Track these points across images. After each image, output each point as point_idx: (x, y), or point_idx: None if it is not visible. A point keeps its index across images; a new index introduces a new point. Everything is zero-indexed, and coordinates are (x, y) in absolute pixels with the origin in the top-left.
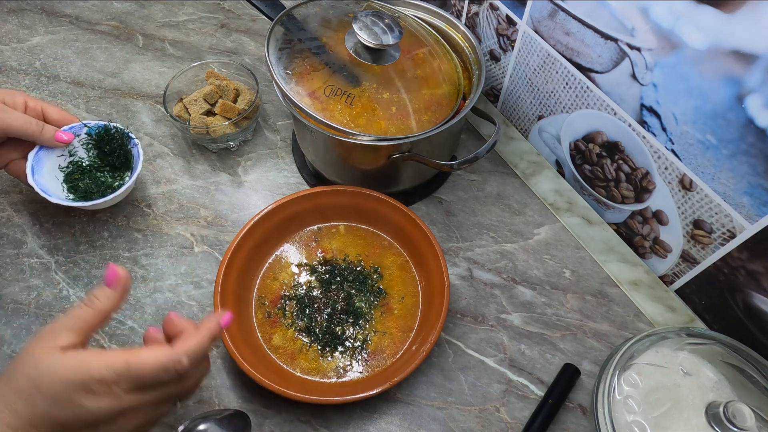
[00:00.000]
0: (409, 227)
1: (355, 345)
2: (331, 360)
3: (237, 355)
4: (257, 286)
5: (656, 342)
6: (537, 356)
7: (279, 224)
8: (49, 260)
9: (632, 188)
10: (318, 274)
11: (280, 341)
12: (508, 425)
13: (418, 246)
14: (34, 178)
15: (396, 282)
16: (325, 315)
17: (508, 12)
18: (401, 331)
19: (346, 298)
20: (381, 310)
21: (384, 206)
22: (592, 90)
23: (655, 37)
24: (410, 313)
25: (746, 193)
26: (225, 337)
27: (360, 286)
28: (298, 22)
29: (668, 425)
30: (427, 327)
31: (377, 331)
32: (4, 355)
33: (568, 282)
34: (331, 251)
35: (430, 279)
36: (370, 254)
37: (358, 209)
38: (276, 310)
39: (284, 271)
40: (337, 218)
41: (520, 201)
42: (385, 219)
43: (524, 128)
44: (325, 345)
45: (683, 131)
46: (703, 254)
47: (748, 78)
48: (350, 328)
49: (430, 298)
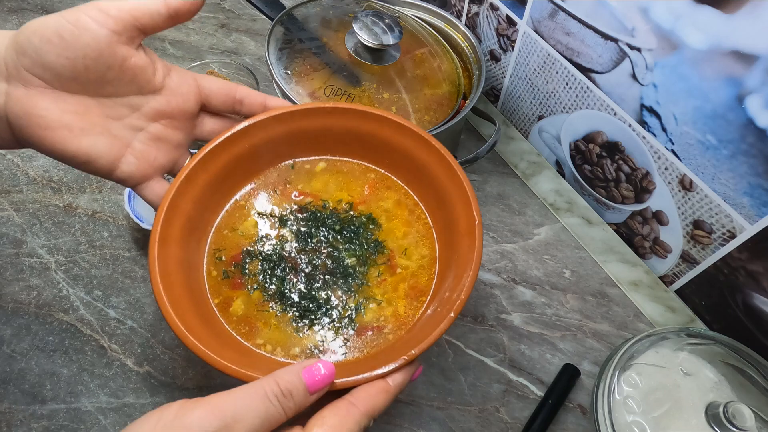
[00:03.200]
0: (420, 154)
1: (345, 315)
2: (311, 334)
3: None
4: (211, 237)
5: (656, 342)
6: (537, 356)
7: (241, 157)
8: (49, 260)
9: (632, 188)
10: (293, 225)
11: (240, 309)
12: (508, 425)
13: (432, 179)
14: (131, 205)
15: (399, 232)
16: (303, 276)
17: (509, 12)
18: (409, 296)
19: (331, 254)
20: (378, 269)
21: (384, 128)
22: (592, 90)
23: (655, 38)
24: (421, 270)
25: (746, 193)
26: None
27: (350, 238)
28: (298, 22)
29: (668, 425)
30: (453, 280)
31: (375, 299)
32: (5, 355)
33: (568, 282)
34: (309, 195)
35: (450, 220)
36: (363, 197)
37: (347, 136)
38: (232, 269)
39: (247, 220)
40: (317, 150)
41: (520, 201)
42: (385, 148)
43: (524, 128)
44: (303, 315)
45: (683, 131)
46: (703, 254)
47: (748, 78)
48: (337, 293)
49: (452, 246)
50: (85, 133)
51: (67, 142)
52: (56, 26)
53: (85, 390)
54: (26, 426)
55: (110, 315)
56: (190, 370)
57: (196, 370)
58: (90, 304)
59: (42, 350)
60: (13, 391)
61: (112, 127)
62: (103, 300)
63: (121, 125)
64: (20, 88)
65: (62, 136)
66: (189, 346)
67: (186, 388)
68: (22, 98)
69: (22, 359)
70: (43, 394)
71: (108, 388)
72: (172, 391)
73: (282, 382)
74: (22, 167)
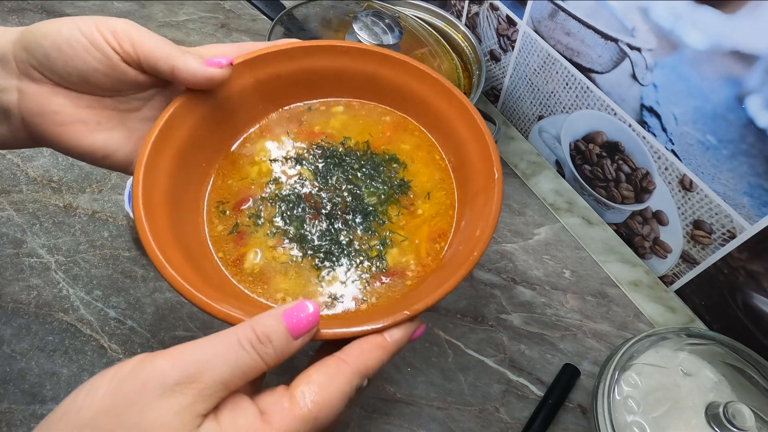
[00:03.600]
0: (440, 104)
1: (373, 257)
2: (333, 281)
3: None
4: (210, 186)
5: (656, 342)
6: (537, 356)
7: (244, 94)
8: (49, 260)
9: (632, 188)
10: (309, 164)
11: (254, 262)
12: (508, 425)
13: (452, 131)
14: (131, 205)
15: (423, 175)
16: (323, 216)
17: (509, 12)
18: (431, 239)
19: (352, 192)
20: (398, 209)
21: (403, 74)
22: (592, 90)
23: (655, 38)
24: (440, 215)
25: (746, 193)
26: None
27: (371, 176)
28: (298, 22)
29: (668, 425)
30: (467, 234)
31: (398, 241)
32: (5, 355)
33: (568, 282)
34: (326, 134)
35: (468, 173)
36: (384, 139)
37: (363, 80)
38: (247, 219)
39: (256, 165)
40: (333, 93)
41: (520, 201)
42: (402, 94)
43: (524, 128)
44: (325, 258)
45: (683, 131)
46: (703, 254)
47: (748, 78)
48: (359, 235)
49: (468, 199)
50: (101, 127)
51: (83, 137)
52: (69, 36)
53: None
54: (26, 426)
55: (110, 315)
56: None
57: None
58: (90, 304)
59: (42, 350)
60: (13, 391)
61: (127, 120)
62: (103, 300)
63: (136, 117)
64: (32, 85)
65: (78, 131)
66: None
67: None
68: (35, 95)
69: (22, 359)
70: (43, 394)
71: None
72: None
73: (258, 326)
74: (22, 167)
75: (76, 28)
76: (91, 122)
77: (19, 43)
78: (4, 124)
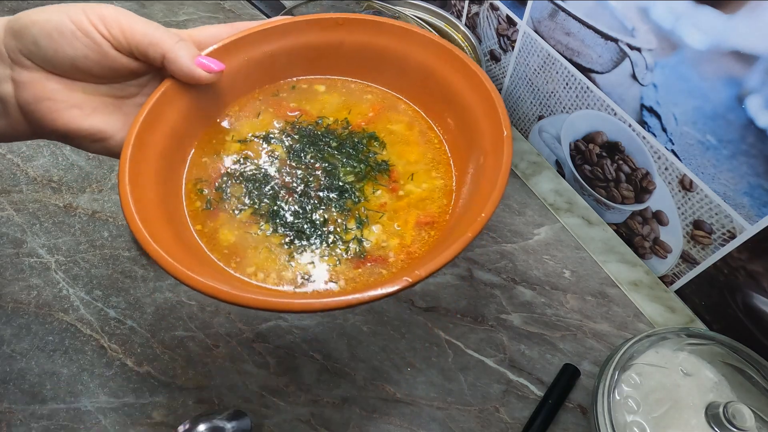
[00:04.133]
0: (442, 68)
1: (349, 237)
2: (305, 259)
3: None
4: (189, 163)
5: (656, 342)
6: (537, 356)
7: (237, 73)
8: (49, 260)
9: (632, 189)
10: (282, 142)
11: (228, 236)
12: (508, 425)
13: (454, 95)
14: None
15: (411, 156)
16: (296, 195)
17: (509, 12)
18: (418, 225)
19: (326, 170)
20: (376, 188)
21: (401, 42)
22: (592, 90)
23: (655, 38)
24: (432, 199)
25: (746, 193)
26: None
27: (348, 154)
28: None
29: (668, 426)
30: (475, 192)
31: (379, 224)
32: (5, 355)
33: (568, 282)
34: (304, 113)
35: (472, 138)
36: (367, 119)
37: (359, 52)
38: (213, 191)
39: (230, 143)
40: (321, 69)
41: (520, 201)
42: (400, 64)
43: (524, 128)
44: (297, 237)
45: (683, 131)
46: (703, 255)
47: (749, 78)
48: (334, 213)
49: (473, 168)
50: (96, 111)
51: (79, 121)
52: (58, 23)
53: (85, 390)
54: (26, 426)
55: (110, 315)
56: (190, 369)
57: (196, 370)
58: (90, 304)
59: (42, 350)
60: (13, 391)
61: (123, 106)
62: (103, 300)
63: (132, 103)
64: (24, 73)
65: (74, 116)
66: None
67: (186, 388)
68: (29, 83)
69: (22, 359)
70: (43, 393)
71: (108, 388)
72: (172, 391)
73: None
74: (22, 167)
75: (64, 15)
76: (86, 108)
77: (8, 31)
78: (2, 116)
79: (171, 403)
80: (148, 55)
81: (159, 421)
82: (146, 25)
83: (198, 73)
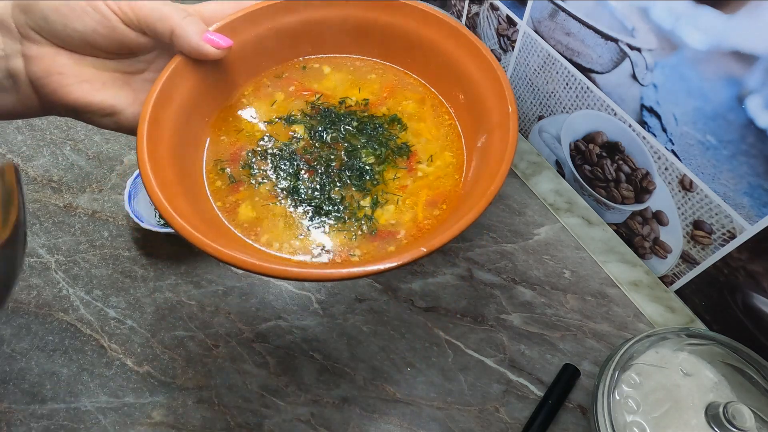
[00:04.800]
0: (447, 45)
1: (361, 216)
2: (323, 233)
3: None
4: (208, 142)
5: (656, 342)
6: (537, 356)
7: (244, 50)
8: (49, 260)
9: (632, 189)
10: (304, 122)
11: (249, 212)
12: (508, 425)
13: (461, 73)
14: (130, 205)
15: (427, 134)
16: (317, 173)
17: (509, 12)
18: (430, 203)
19: (348, 152)
20: (396, 172)
21: (406, 18)
22: (592, 90)
23: (655, 38)
24: (445, 176)
25: (746, 193)
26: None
27: (370, 137)
28: None
29: (668, 426)
30: (483, 166)
31: (394, 202)
32: (4, 355)
33: (568, 282)
34: (321, 93)
35: (479, 114)
36: (382, 98)
37: (364, 29)
38: (239, 170)
39: (250, 121)
40: (331, 48)
41: (520, 201)
42: (406, 41)
43: (524, 128)
44: (315, 211)
45: (683, 132)
46: (703, 255)
47: (749, 79)
48: (352, 192)
49: (481, 144)
50: (106, 86)
51: (90, 95)
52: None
53: (85, 390)
54: (26, 426)
55: (110, 315)
56: (190, 369)
57: (196, 370)
58: (90, 303)
59: (42, 350)
60: (12, 391)
61: (132, 81)
62: (103, 300)
63: (140, 78)
64: (34, 47)
65: (84, 90)
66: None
67: (186, 388)
68: (39, 58)
69: (22, 359)
70: (43, 393)
71: (108, 388)
72: (172, 391)
73: None
74: (23, 167)
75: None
76: (96, 82)
77: (17, 5)
78: (13, 91)
79: (171, 403)
80: (157, 31)
81: (159, 421)
82: (155, 1)
83: (206, 48)
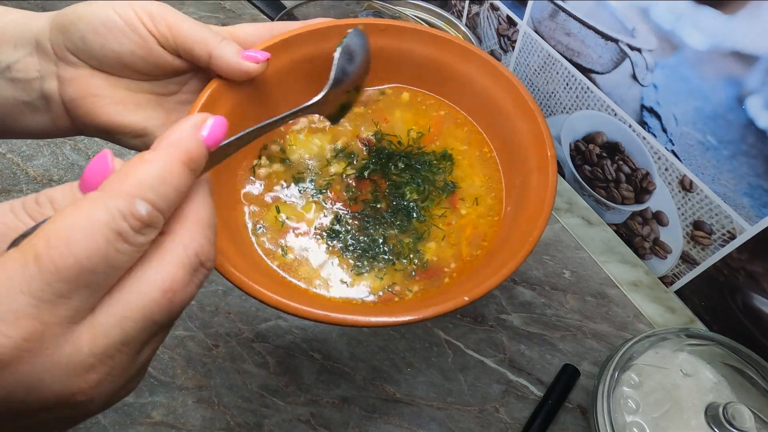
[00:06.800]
0: (484, 82)
1: (405, 254)
2: (367, 275)
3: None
4: (245, 171)
5: (656, 343)
6: (537, 357)
7: (283, 74)
8: None
9: (632, 189)
10: (351, 158)
11: (290, 251)
12: (508, 425)
13: (498, 111)
14: None
15: (470, 172)
16: (360, 211)
17: (509, 12)
18: (472, 242)
19: (392, 189)
20: (442, 210)
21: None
22: (592, 91)
23: (655, 38)
24: (486, 214)
25: (746, 194)
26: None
27: (416, 172)
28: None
29: (668, 426)
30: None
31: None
32: None
33: (568, 282)
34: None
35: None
36: (431, 134)
37: (400, 61)
38: (276, 203)
39: (292, 154)
40: (375, 77)
41: None
42: (443, 75)
43: None
44: (361, 255)
45: (683, 132)
46: (703, 255)
47: (749, 79)
48: (395, 232)
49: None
50: (139, 108)
51: (122, 117)
52: (105, 18)
53: None
54: None
55: None
56: (190, 369)
57: (196, 369)
58: None
59: None
60: None
61: (165, 102)
62: None
63: (173, 100)
64: (70, 69)
65: (118, 111)
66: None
67: (186, 388)
68: (74, 80)
69: None
70: None
71: None
72: (172, 391)
73: None
74: (23, 166)
75: (111, 10)
76: (129, 103)
77: (54, 26)
78: (46, 112)
79: (171, 402)
80: (194, 53)
81: (159, 421)
82: (192, 23)
83: (245, 65)
